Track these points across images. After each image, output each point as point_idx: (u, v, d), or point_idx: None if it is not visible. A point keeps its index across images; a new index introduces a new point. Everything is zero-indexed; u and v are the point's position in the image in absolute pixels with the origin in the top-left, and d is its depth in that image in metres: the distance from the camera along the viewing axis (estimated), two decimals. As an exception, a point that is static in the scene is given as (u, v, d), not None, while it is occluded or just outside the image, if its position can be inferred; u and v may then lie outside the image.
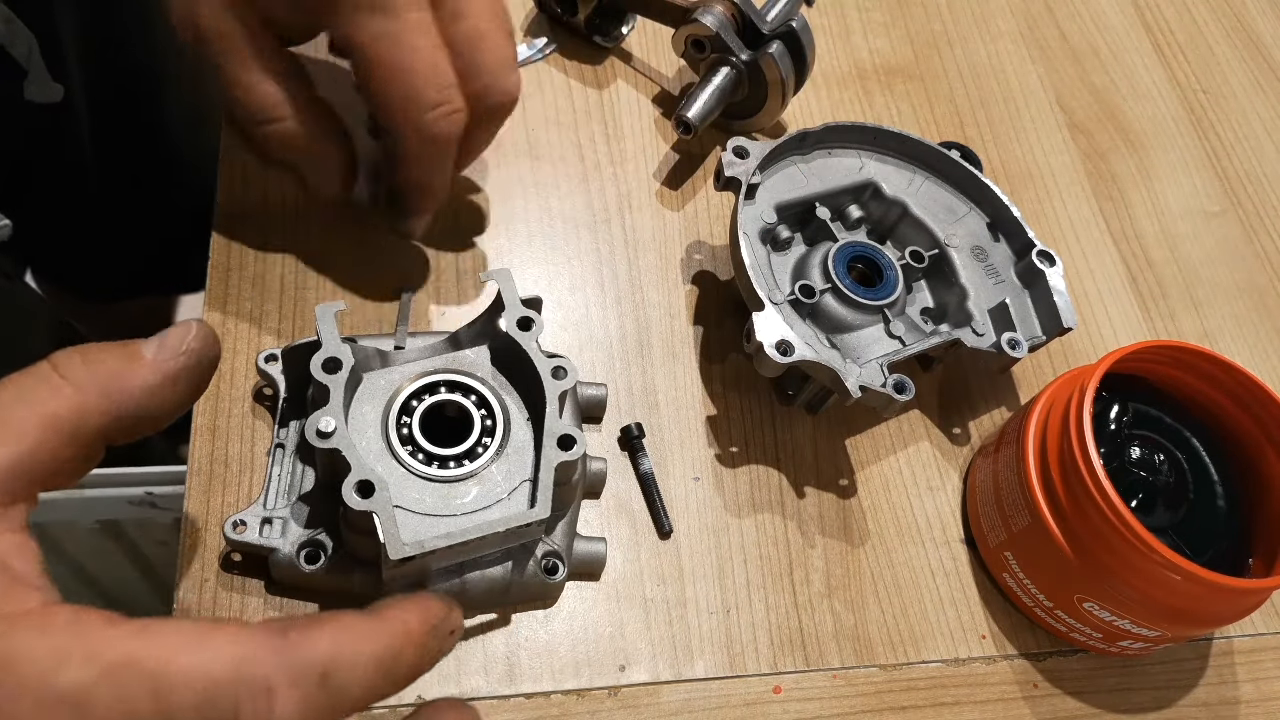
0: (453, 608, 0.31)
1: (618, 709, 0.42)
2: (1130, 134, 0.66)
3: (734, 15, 0.55)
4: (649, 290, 0.53)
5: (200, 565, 0.42)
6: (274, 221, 0.51)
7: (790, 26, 0.54)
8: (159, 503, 0.69)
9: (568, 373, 0.41)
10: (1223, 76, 0.71)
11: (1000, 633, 0.47)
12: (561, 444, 0.39)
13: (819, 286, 0.48)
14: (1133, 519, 0.40)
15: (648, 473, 0.47)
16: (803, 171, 0.53)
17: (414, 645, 0.29)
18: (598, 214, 0.55)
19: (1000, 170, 0.62)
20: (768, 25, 0.55)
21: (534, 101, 0.58)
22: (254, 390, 0.46)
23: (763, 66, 0.55)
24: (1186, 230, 0.63)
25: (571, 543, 0.43)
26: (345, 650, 0.27)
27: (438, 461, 0.40)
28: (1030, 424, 0.46)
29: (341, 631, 0.28)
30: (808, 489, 0.49)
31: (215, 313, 0.48)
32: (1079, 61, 0.69)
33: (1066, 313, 0.50)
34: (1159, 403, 0.48)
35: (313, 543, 0.40)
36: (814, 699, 0.44)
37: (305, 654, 0.26)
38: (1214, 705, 0.47)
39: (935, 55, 0.67)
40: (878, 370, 0.45)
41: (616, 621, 0.44)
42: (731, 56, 0.55)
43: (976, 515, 0.48)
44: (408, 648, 0.29)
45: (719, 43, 0.55)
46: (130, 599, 0.87)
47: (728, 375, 0.51)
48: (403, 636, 0.29)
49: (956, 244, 0.52)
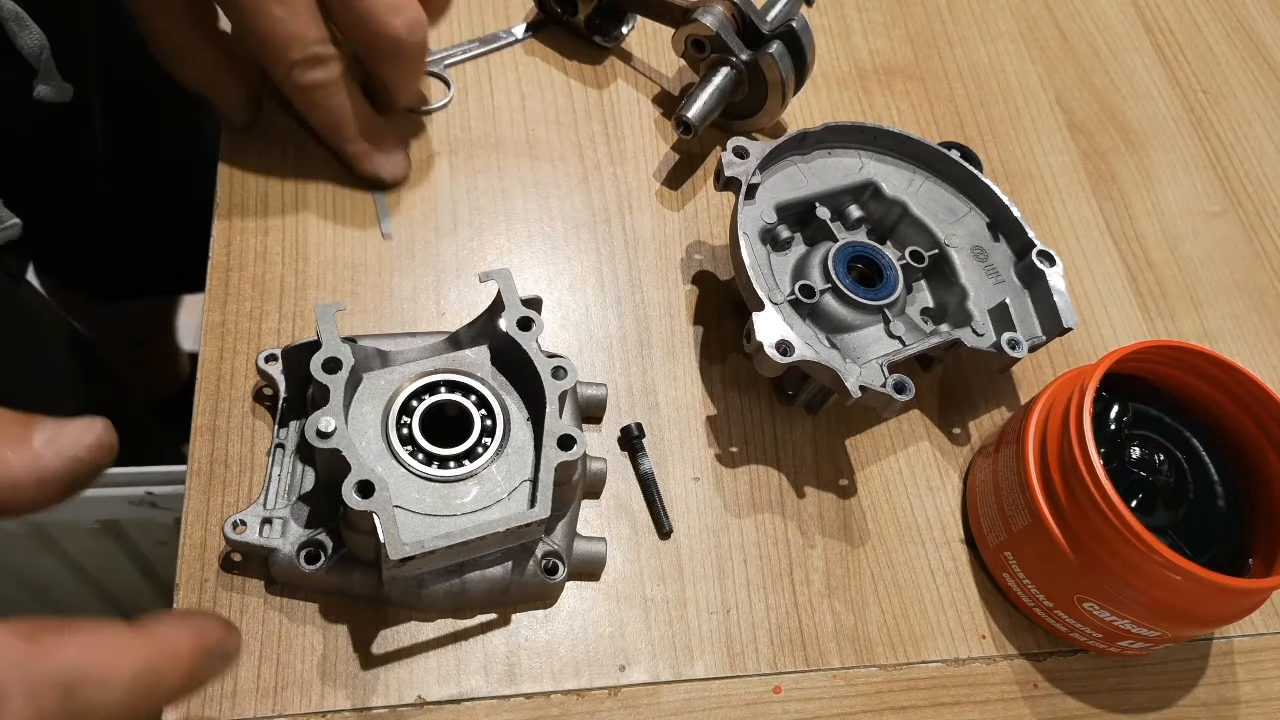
0: (232, 632, 0.30)
1: (618, 709, 0.42)
2: (1130, 134, 0.66)
3: (734, 15, 0.55)
4: (649, 290, 0.53)
5: (200, 565, 0.42)
6: (274, 221, 0.51)
7: (790, 27, 0.54)
8: (159, 502, 0.69)
9: (568, 373, 0.41)
10: (1223, 76, 0.71)
11: (1000, 633, 0.47)
12: (561, 444, 0.39)
13: (819, 286, 0.48)
14: (1133, 519, 0.40)
15: (648, 473, 0.47)
16: (803, 171, 0.53)
17: (180, 667, 0.27)
18: (598, 214, 0.55)
19: (1000, 170, 0.62)
20: (768, 25, 0.55)
21: (534, 101, 0.58)
22: (254, 390, 0.46)
23: (763, 67, 0.55)
24: (1186, 230, 0.63)
25: (571, 543, 0.43)
26: (98, 663, 0.25)
27: (438, 461, 0.40)
28: (1030, 424, 0.46)
29: (98, 644, 0.26)
30: (808, 489, 0.49)
31: (215, 313, 0.48)
32: (1079, 61, 0.69)
33: (1066, 313, 0.50)
34: (1159, 403, 0.48)
35: (313, 543, 0.40)
36: (814, 699, 0.44)
37: (50, 663, 0.24)
38: (1214, 705, 0.47)
39: (935, 55, 0.67)
40: (878, 370, 0.45)
41: (616, 621, 0.44)
42: (731, 56, 0.55)
43: (976, 515, 0.48)
44: (173, 669, 0.27)
45: (719, 43, 0.55)
46: (130, 599, 0.87)
47: (728, 375, 0.51)
48: (169, 657, 0.27)
49: (956, 244, 0.52)
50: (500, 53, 0.60)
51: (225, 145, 0.53)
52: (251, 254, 0.50)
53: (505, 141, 0.57)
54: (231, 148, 0.53)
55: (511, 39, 0.60)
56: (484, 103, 0.58)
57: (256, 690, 0.40)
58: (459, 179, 0.55)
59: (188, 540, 0.42)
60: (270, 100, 0.54)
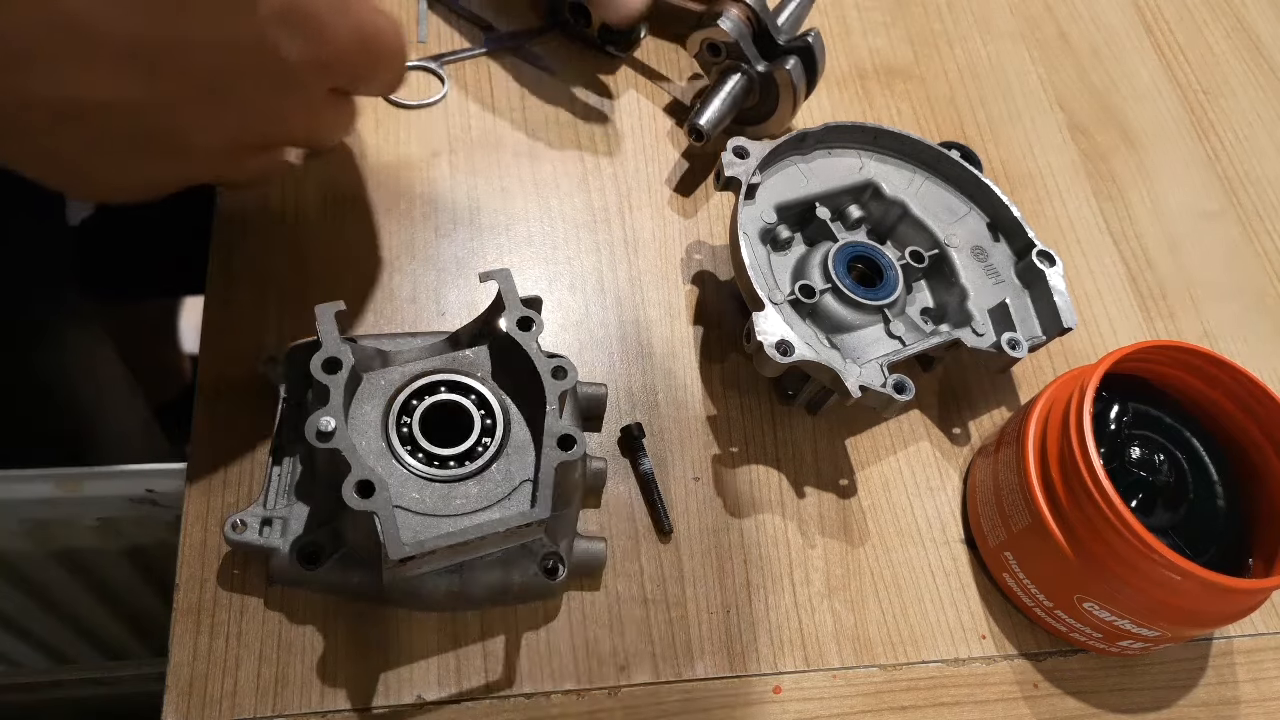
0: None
1: (618, 709, 0.42)
2: (1130, 134, 0.66)
3: (750, 19, 0.55)
4: (649, 290, 0.53)
5: (200, 565, 0.42)
6: (274, 221, 0.51)
7: (806, 41, 0.54)
8: (160, 500, 0.69)
9: (568, 373, 0.41)
10: (1223, 76, 0.71)
11: (1000, 633, 0.47)
12: (561, 444, 0.39)
13: (819, 286, 0.48)
14: (1133, 519, 0.40)
15: (648, 473, 0.47)
16: (803, 171, 0.53)
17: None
18: (598, 214, 0.55)
19: (1000, 170, 0.62)
20: (783, 35, 0.55)
21: (534, 101, 0.58)
22: (254, 390, 0.46)
23: (777, 80, 0.55)
24: (1186, 230, 0.63)
25: (571, 543, 0.43)
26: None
27: (438, 461, 0.40)
28: (1030, 424, 0.46)
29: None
30: (808, 489, 0.49)
31: (215, 313, 0.48)
32: (1079, 61, 0.69)
33: (1066, 313, 0.50)
34: (1159, 403, 0.48)
35: (313, 543, 0.40)
36: (814, 699, 0.44)
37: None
38: (1214, 705, 0.47)
39: (935, 55, 0.67)
40: (878, 370, 0.45)
41: (616, 621, 0.44)
42: (745, 64, 0.55)
43: (976, 515, 0.49)
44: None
45: (736, 50, 0.55)
46: (130, 598, 0.87)
47: (728, 375, 0.51)
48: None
49: (956, 244, 0.52)
50: (501, 53, 0.60)
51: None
52: (251, 254, 0.50)
53: (505, 141, 0.57)
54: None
55: (512, 41, 0.60)
56: (484, 103, 0.58)
57: (256, 690, 0.40)
58: (459, 179, 0.55)
59: (188, 540, 0.42)
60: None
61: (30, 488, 0.67)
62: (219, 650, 0.40)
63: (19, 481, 0.66)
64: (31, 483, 0.67)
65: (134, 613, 0.90)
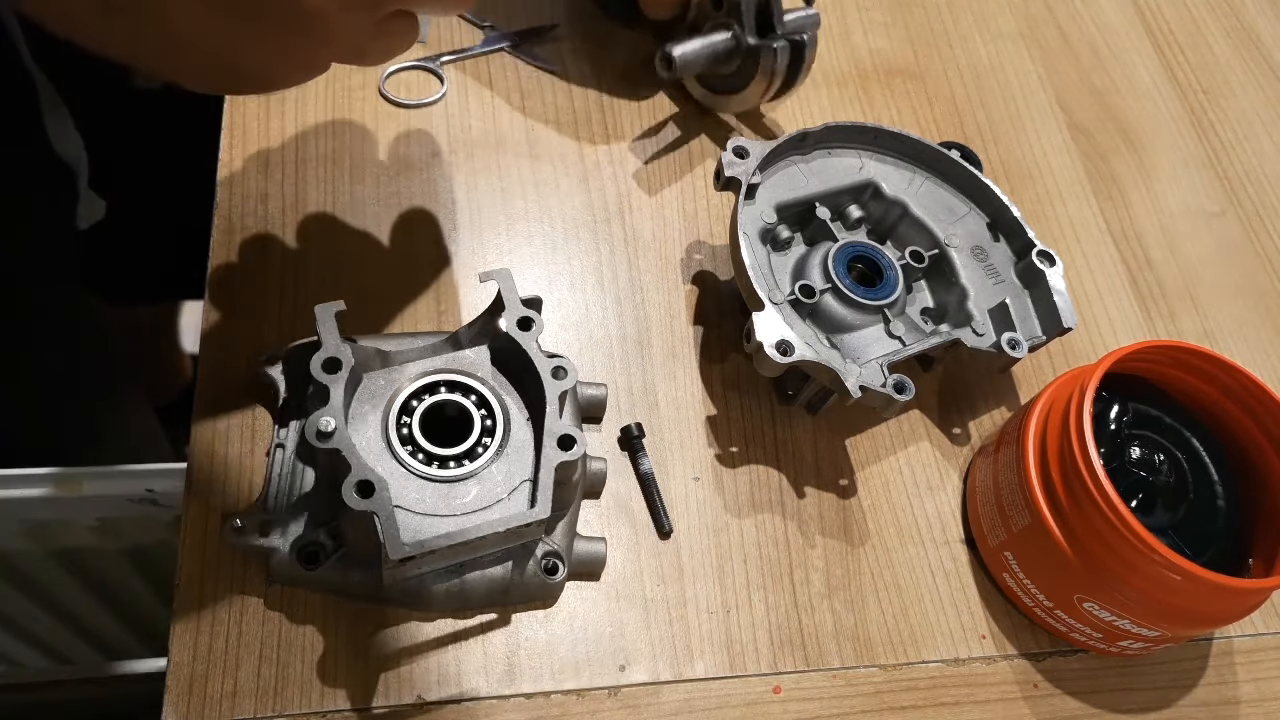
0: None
1: (618, 709, 0.42)
2: (1130, 134, 0.66)
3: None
4: (649, 290, 0.53)
5: (200, 565, 0.42)
6: (274, 222, 0.51)
7: (801, 38, 0.54)
8: (160, 500, 0.69)
9: (568, 373, 0.41)
10: (1223, 76, 0.71)
11: (1000, 633, 0.47)
12: (561, 444, 0.39)
13: (819, 286, 0.48)
14: (1133, 519, 0.40)
15: (648, 473, 0.47)
16: (803, 171, 0.53)
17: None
18: (598, 214, 0.55)
19: (1000, 170, 0.62)
20: (782, 26, 0.55)
21: (534, 101, 0.58)
22: (254, 391, 0.46)
23: (761, 55, 0.54)
24: (1186, 230, 0.63)
25: (571, 543, 0.43)
26: None
27: (438, 461, 0.40)
28: (1030, 424, 0.46)
29: None
30: (808, 489, 0.49)
31: (215, 313, 0.48)
32: (1079, 61, 0.69)
33: (1066, 313, 0.50)
34: (1159, 403, 0.48)
35: (313, 543, 0.40)
36: (814, 699, 0.44)
37: None
38: (1214, 705, 0.47)
39: (935, 55, 0.67)
40: (878, 370, 0.45)
41: (616, 621, 0.44)
42: (737, 27, 0.55)
43: (976, 515, 0.48)
44: None
45: (736, 10, 0.54)
46: (130, 598, 0.87)
47: (728, 375, 0.51)
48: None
49: (956, 244, 0.52)
50: (501, 53, 0.60)
51: (224, 146, 0.53)
52: (251, 255, 0.50)
53: (505, 141, 0.57)
54: (230, 149, 0.53)
55: (512, 41, 0.60)
56: (484, 102, 0.58)
57: (256, 690, 0.40)
58: (459, 179, 0.55)
59: (188, 540, 0.42)
60: (269, 103, 0.54)
61: (30, 488, 0.67)
62: (219, 650, 0.40)
63: (19, 481, 0.66)
64: (31, 483, 0.67)
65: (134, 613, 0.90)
